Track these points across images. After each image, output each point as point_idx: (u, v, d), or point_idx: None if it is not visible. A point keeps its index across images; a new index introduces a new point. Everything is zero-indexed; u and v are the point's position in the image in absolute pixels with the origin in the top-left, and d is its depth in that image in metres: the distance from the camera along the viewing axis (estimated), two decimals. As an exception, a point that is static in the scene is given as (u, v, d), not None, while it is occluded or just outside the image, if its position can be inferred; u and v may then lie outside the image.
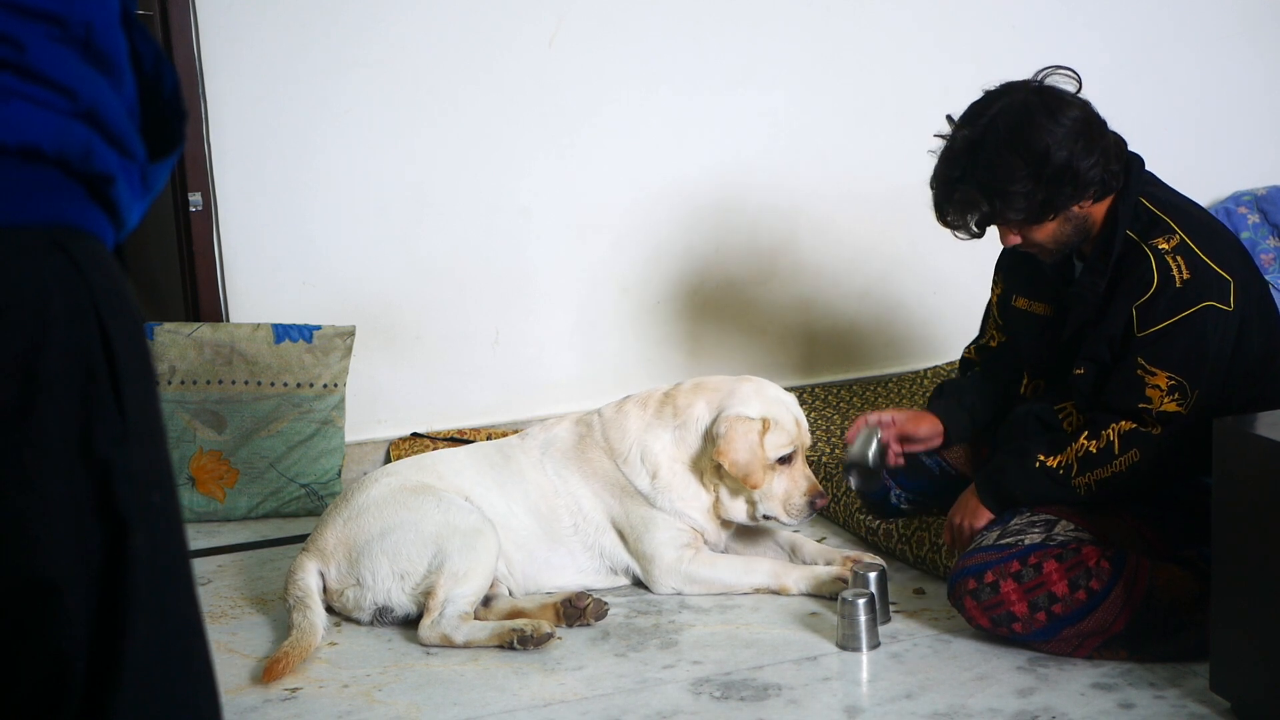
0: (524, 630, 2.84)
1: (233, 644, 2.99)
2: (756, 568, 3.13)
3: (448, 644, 2.88)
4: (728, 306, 4.47)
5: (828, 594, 3.04)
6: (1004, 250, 3.09)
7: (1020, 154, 2.70)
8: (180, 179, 3.97)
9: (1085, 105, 2.78)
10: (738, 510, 3.17)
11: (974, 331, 3.30)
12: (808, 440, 3.20)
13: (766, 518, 3.17)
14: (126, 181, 1.28)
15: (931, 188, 2.87)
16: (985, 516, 2.91)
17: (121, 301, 1.24)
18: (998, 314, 3.20)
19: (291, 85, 3.97)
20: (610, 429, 3.20)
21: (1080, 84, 2.82)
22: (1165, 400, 2.70)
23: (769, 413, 3.12)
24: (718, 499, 3.17)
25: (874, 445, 3.06)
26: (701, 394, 3.18)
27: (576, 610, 2.96)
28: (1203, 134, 4.88)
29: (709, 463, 3.13)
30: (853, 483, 3.13)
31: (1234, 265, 2.74)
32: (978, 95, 2.85)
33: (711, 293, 4.44)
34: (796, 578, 3.10)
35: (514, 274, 4.25)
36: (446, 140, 4.12)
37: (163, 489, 1.26)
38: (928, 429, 3.14)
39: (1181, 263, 2.70)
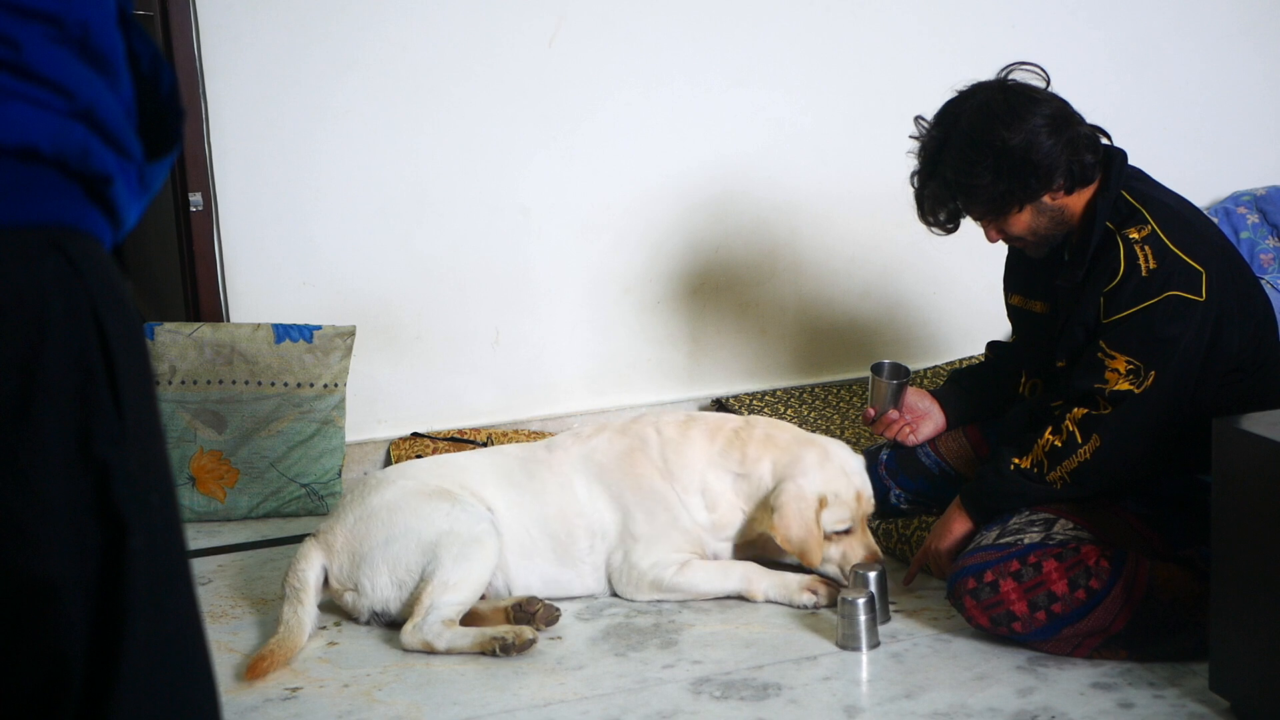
0: (505, 638, 2.82)
1: (233, 644, 2.99)
2: (731, 573, 3.11)
3: (429, 650, 2.85)
4: (729, 306, 4.47)
5: (798, 604, 3.03)
6: (1009, 249, 3.14)
7: (982, 149, 2.78)
8: (180, 179, 3.96)
9: (1052, 99, 2.84)
10: (788, 557, 3.15)
11: (973, 331, 3.33)
12: (870, 510, 3.11)
13: (821, 573, 3.09)
14: (124, 181, 1.28)
15: (911, 185, 2.96)
16: (960, 531, 2.94)
17: (119, 302, 1.24)
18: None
19: (292, 85, 3.97)
20: (671, 451, 3.13)
21: (1048, 80, 2.90)
22: (1120, 382, 2.73)
23: (829, 488, 3.03)
24: (758, 540, 3.15)
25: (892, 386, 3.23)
26: (769, 451, 3.10)
27: (526, 615, 2.94)
28: (1203, 134, 4.88)
29: (766, 521, 3.07)
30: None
31: (1208, 258, 2.76)
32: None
33: (712, 292, 4.44)
34: (766, 585, 3.08)
35: (514, 274, 4.25)
36: (446, 140, 4.12)
37: (161, 489, 1.26)
38: (928, 402, 3.30)
39: (1149, 252, 2.74)
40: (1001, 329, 3.53)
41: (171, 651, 1.25)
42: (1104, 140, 2.90)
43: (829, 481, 3.04)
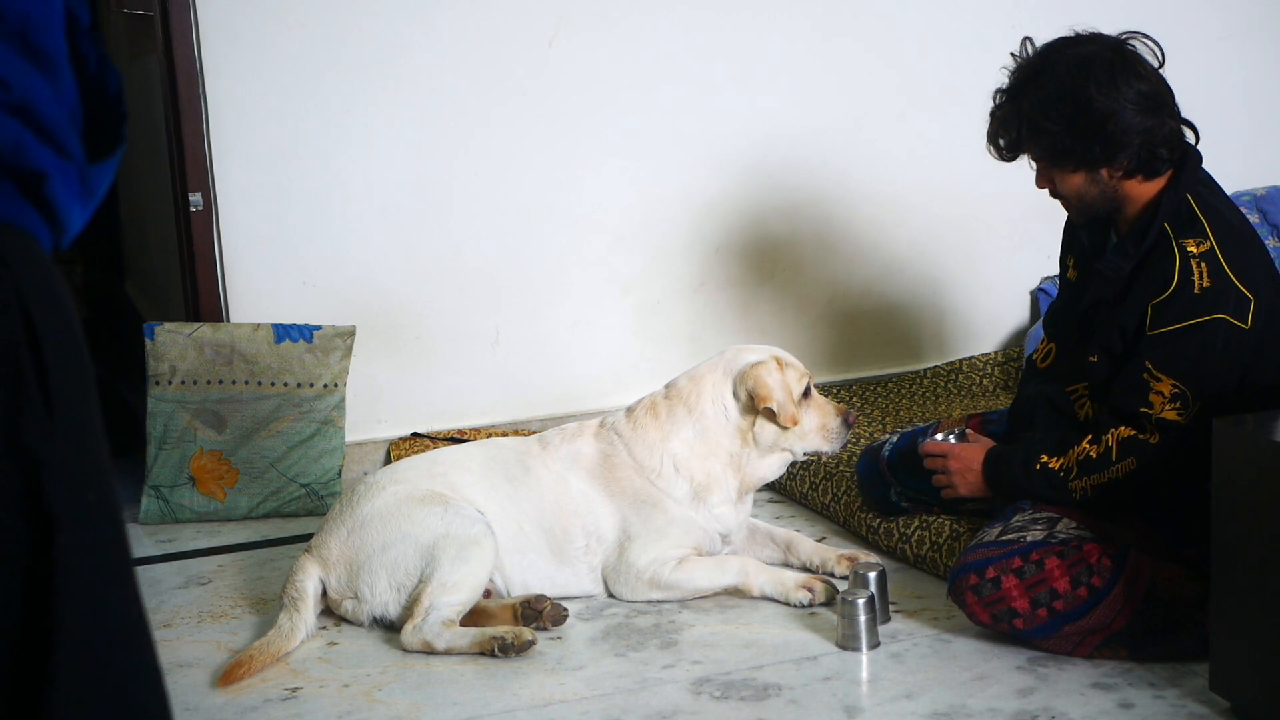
0: (505, 638, 2.83)
1: (233, 644, 2.99)
2: (728, 566, 3.12)
3: (429, 650, 2.85)
4: (728, 307, 4.47)
5: (794, 602, 3.03)
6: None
7: (1066, 97, 2.76)
8: (180, 179, 3.97)
9: (1156, 80, 2.81)
10: (774, 466, 3.20)
11: (973, 331, 3.31)
12: (808, 373, 3.25)
13: (808, 454, 3.21)
14: (63, 181, 1.26)
15: (992, 100, 2.95)
16: (975, 485, 2.97)
17: (51, 297, 1.21)
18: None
19: (292, 85, 3.97)
20: (635, 447, 3.16)
21: (1161, 59, 2.86)
22: (1166, 407, 2.70)
23: (772, 354, 3.18)
24: (744, 476, 3.17)
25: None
26: (700, 381, 3.19)
27: (534, 612, 2.95)
28: (1203, 134, 4.86)
29: (748, 425, 3.14)
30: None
31: (1260, 285, 2.72)
32: (978, 91, 2.91)
33: (712, 293, 4.44)
34: (763, 581, 3.09)
35: (514, 274, 4.25)
36: (447, 140, 4.12)
37: (98, 488, 1.23)
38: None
39: (1205, 269, 2.69)
40: (999, 329, 3.52)
41: (113, 651, 1.23)
42: (1188, 138, 2.88)
43: (766, 353, 3.19)
